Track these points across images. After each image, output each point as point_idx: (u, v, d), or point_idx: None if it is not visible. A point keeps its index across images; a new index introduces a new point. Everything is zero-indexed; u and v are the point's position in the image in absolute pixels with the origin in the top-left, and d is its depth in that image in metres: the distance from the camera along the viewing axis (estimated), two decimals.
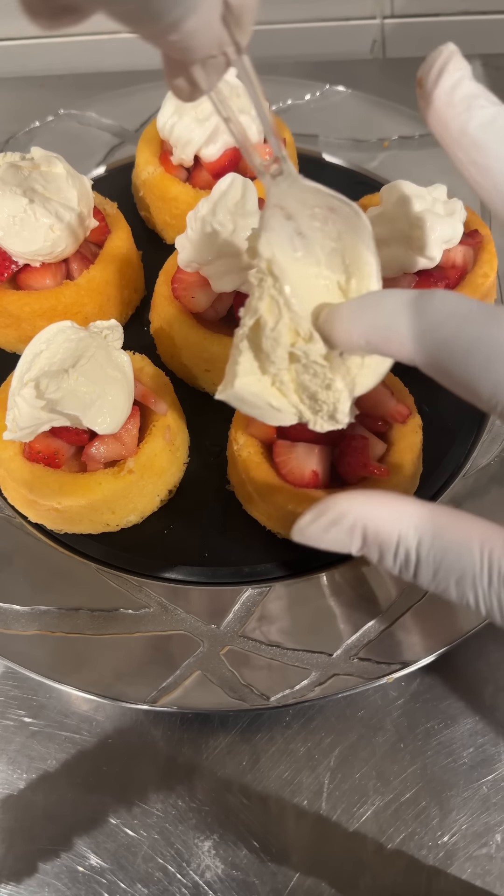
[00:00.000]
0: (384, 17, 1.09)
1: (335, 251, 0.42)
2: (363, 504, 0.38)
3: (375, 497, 0.38)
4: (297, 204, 0.41)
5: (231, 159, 0.77)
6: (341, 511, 0.38)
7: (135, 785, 0.55)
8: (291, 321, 0.42)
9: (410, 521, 0.37)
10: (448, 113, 0.40)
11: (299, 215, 0.41)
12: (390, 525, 0.37)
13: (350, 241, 0.42)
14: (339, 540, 0.39)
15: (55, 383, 0.55)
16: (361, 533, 0.38)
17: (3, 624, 0.57)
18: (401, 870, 0.52)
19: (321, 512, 0.39)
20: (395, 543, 0.37)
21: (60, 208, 0.67)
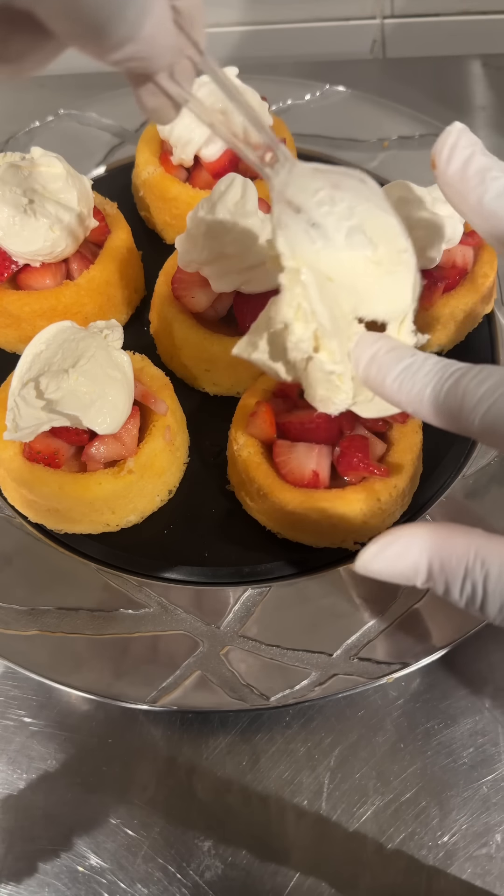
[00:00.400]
0: (384, 17, 1.09)
1: (353, 229, 0.41)
2: (429, 536, 0.38)
3: (441, 529, 0.38)
4: (302, 193, 0.41)
5: (231, 159, 0.77)
6: (406, 544, 0.38)
7: (135, 785, 0.55)
8: (319, 332, 0.42)
9: (477, 554, 0.37)
10: (463, 187, 0.42)
11: (306, 205, 0.41)
12: (457, 558, 0.37)
13: (364, 210, 0.41)
14: (405, 573, 0.38)
15: (55, 383, 0.55)
16: (427, 566, 0.38)
17: (3, 624, 0.57)
18: (401, 870, 0.52)
19: (386, 545, 0.39)
20: (462, 577, 0.37)
21: (60, 208, 0.67)
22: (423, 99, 1.02)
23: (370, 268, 0.41)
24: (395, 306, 0.43)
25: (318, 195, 0.41)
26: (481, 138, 1.02)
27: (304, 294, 0.41)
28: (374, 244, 0.41)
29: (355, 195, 0.41)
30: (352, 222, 0.41)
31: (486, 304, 0.73)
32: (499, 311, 0.75)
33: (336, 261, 0.41)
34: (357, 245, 0.41)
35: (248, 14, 1.10)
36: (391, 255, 0.42)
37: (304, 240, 0.41)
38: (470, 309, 0.70)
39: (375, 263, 0.42)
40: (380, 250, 0.42)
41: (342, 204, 0.41)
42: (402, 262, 0.42)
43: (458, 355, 0.73)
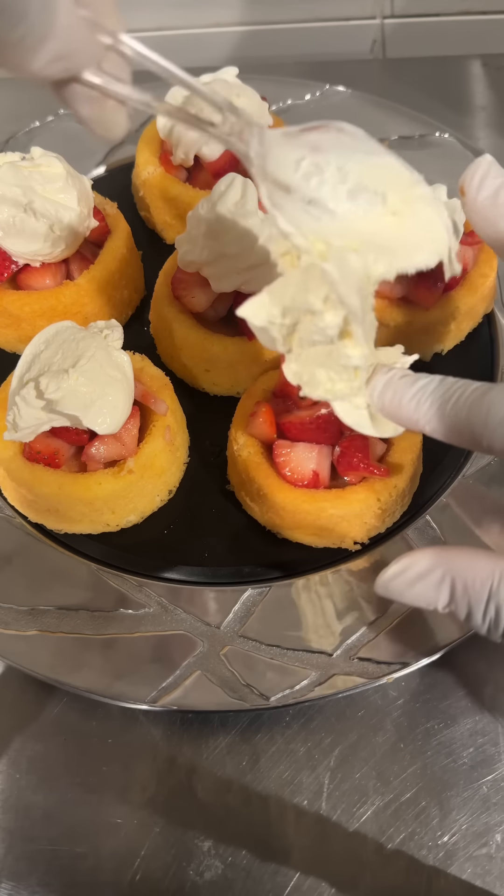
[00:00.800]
0: (384, 17, 1.09)
1: (352, 190, 0.37)
2: (453, 558, 0.38)
3: (465, 552, 0.38)
4: (283, 167, 0.37)
5: (231, 159, 0.77)
6: (429, 565, 0.38)
7: (135, 785, 0.55)
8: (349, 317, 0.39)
9: (502, 577, 0.36)
10: (494, 213, 0.42)
11: (294, 182, 0.37)
12: (481, 581, 0.36)
13: (355, 164, 0.37)
14: (426, 595, 0.38)
15: (55, 383, 0.55)
16: (450, 588, 0.37)
17: (3, 624, 0.57)
18: (401, 870, 0.52)
19: (407, 566, 0.38)
20: (486, 600, 0.36)
21: (60, 208, 0.67)
22: (423, 99, 1.02)
23: (389, 220, 0.38)
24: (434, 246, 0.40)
25: (302, 167, 0.37)
26: (481, 138, 1.03)
27: (327, 279, 0.38)
28: (382, 194, 0.37)
29: (340, 150, 0.37)
30: (349, 183, 0.37)
31: (486, 304, 0.73)
32: (499, 311, 0.75)
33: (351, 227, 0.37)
34: (363, 205, 0.37)
35: (248, 14, 1.10)
36: (404, 196, 0.38)
37: (306, 219, 0.37)
38: (470, 309, 0.70)
39: (392, 213, 0.38)
40: (389, 198, 0.38)
41: (329, 168, 0.37)
42: (418, 198, 0.39)
43: (458, 355, 0.74)
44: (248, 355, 0.67)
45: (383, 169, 0.38)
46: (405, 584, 0.38)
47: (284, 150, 0.37)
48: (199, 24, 1.11)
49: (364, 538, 0.61)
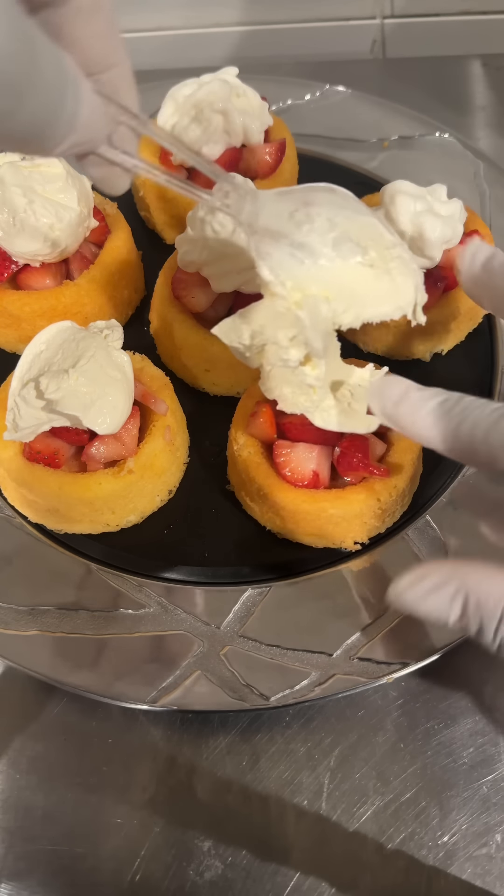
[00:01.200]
0: (384, 17, 1.09)
1: (338, 238, 0.41)
2: (468, 573, 0.37)
3: (481, 567, 0.37)
4: (276, 218, 0.40)
5: (231, 159, 0.77)
6: (444, 578, 0.37)
7: (135, 785, 0.55)
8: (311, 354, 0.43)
9: None
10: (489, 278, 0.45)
11: (285, 228, 0.40)
12: (494, 600, 0.36)
13: (344, 218, 0.41)
14: (439, 608, 0.38)
15: (55, 383, 0.55)
16: (462, 602, 0.37)
17: (3, 624, 0.57)
18: (401, 870, 0.52)
19: (422, 577, 0.38)
20: (498, 618, 0.36)
21: (60, 208, 0.67)
22: (423, 99, 1.02)
23: (366, 272, 0.42)
24: (401, 301, 0.43)
25: (295, 216, 0.41)
26: (481, 138, 1.03)
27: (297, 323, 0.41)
28: (363, 247, 0.41)
29: (330, 206, 0.41)
30: (335, 233, 0.41)
31: None
32: None
33: (329, 275, 0.41)
34: (346, 253, 0.41)
35: (248, 14, 1.10)
36: (382, 253, 0.42)
37: (291, 263, 0.40)
38: (470, 309, 0.70)
39: (369, 266, 0.42)
40: (370, 252, 0.42)
41: (320, 218, 0.41)
42: (394, 258, 0.42)
43: (458, 355, 0.74)
44: None
45: (367, 225, 0.42)
46: (418, 595, 0.38)
47: (278, 204, 0.41)
48: (199, 24, 1.11)
49: (364, 538, 0.61)
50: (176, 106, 0.76)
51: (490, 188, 0.83)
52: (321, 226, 0.41)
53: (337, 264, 0.41)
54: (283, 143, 0.80)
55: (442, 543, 0.60)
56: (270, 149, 0.79)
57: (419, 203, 0.64)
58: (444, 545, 0.60)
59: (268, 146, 0.79)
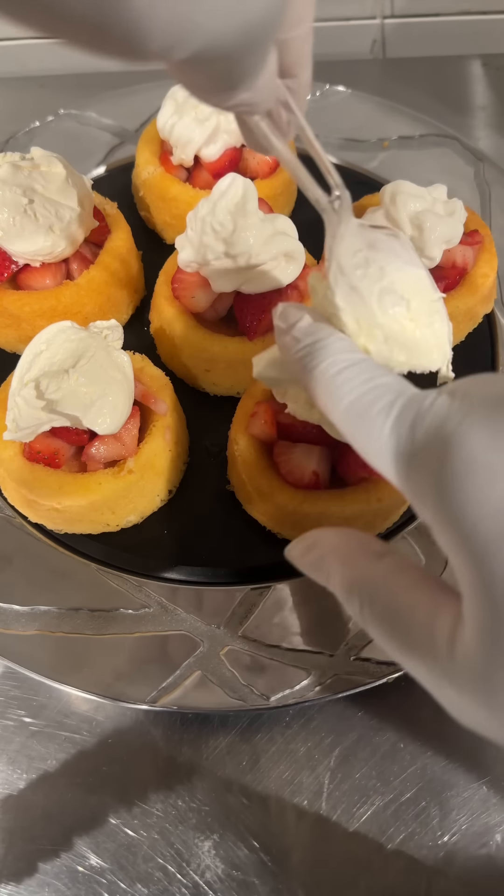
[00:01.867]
0: (384, 17, 1.09)
1: (384, 289, 0.42)
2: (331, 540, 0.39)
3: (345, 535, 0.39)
4: (345, 254, 0.43)
5: (231, 159, 0.77)
6: (313, 541, 0.40)
7: (135, 785, 0.55)
8: None
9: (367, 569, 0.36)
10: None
11: (347, 268, 0.43)
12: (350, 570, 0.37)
13: (395, 269, 0.43)
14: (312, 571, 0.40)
15: (55, 383, 0.55)
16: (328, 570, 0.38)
17: (3, 624, 0.57)
18: (401, 870, 0.52)
19: (301, 539, 0.41)
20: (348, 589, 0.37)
21: (60, 208, 0.67)
22: (423, 99, 1.02)
23: (407, 324, 0.43)
24: (442, 356, 0.45)
25: (357, 257, 0.43)
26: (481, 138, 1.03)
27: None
28: (406, 300, 0.43)
29: (387, 254, 0.43)
30: (383, 283, 0.42)
31: (486, 304, 0.73)
32: (499, 311, 0.75)
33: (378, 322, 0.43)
34: (389, 305, 0.42)
35: None
36: (423, 307, 0.43)
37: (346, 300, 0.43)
38: (470, 309, 0.70)
39: (411, 320, 0.43)
40: (413, 305, 0.43)
41: (374, 266, 0.42)
42: (435, 312, 0.44)
43: (458, 355, 0.73)
44: (248, 355, 0.67)
45: (415, 278, 0.43)
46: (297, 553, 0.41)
47: (353, 239, 0.43)
48: None
49: None
50: (176, 106, 0.76)
51: (490, 188, 0.83)
52: (373, 273, 0.42)
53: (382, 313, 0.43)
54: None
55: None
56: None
57: (419, 203, 0.64)
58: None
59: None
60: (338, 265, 0.42)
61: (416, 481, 0.33)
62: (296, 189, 0.86)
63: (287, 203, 0.85)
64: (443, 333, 0.44)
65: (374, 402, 0.35)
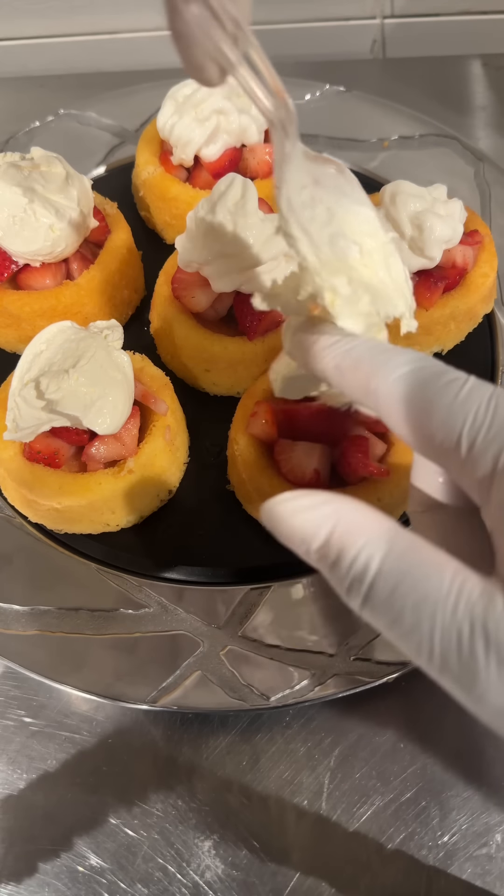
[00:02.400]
0: (384, 17, 1.09)
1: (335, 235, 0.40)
2: (343, 502, 0.35)
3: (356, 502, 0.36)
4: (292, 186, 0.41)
5: (231, 159, 0.77)
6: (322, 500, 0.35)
7: (135, 785, 0.55)
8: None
9: (382, 530, 0.33)
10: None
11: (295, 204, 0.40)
12: (361, 528, 0.34)
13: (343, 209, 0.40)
14: (305, 528, 0.35)
15: (55, 383, 0.55)
16: (331, 527, 0.34)
17: (3, 624, 0.57)
18: (401, 870, 0.52)
19: (300, 494, 0.36)
20: (360, 547, 0.33)
21: (60, 208, 0.67)
22: (423, 99, 1.02)
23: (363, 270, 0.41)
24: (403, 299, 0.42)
25: (303, 194, 0.40)
26: (481, 138, 1.03)
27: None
28: (358, 244, 0.41)
29: (333, 191, 0.41)
30: (332, 228, 0.40)
31: (486, 304, 0.73)
32: (499, 311, 0.75)
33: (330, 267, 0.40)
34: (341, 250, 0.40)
35: None
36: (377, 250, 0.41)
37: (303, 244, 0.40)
38: (470, 309, 0.70)
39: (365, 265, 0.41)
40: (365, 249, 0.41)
41: (321, 206, 0.40)
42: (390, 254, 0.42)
43: (458, 355, 0.73)
44: (248, 355, 0.68)
45: (364, 220, 0.41)
46: (291, 510, 0.35)
47: (298, 170, 0.41)
48: None
49: None
50: (176, 106, 0.76)
51: (490, 188, 0.83)
52: (320, 216, 0.40)
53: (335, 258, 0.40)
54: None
55: None
56: (270, 149, 0.79)
57: (419, 203, 0.64)
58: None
59: (268, 146, 0.79)
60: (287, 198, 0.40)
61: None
62: None
63: None
64: (400, 277, 0.42)
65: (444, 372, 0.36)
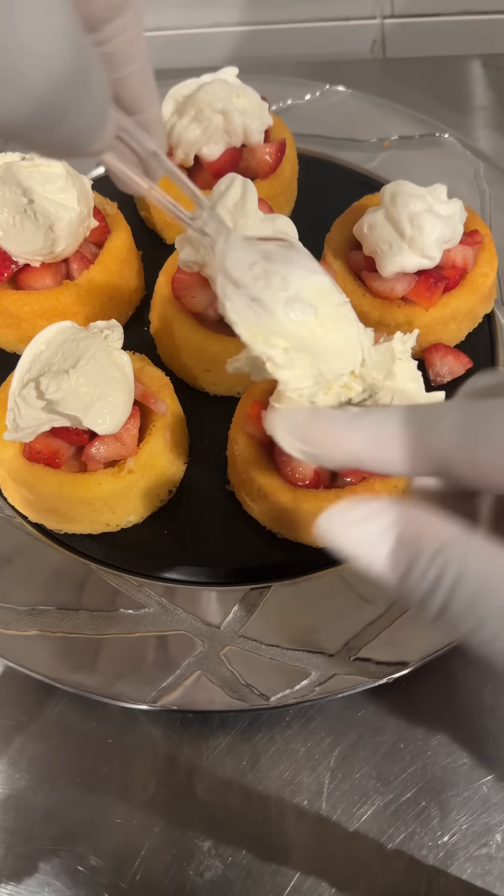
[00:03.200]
0: (384, 17, 1.09)
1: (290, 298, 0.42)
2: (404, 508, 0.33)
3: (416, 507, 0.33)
4: (238, 267, 0.42)
5: (231, 159, 0.77)
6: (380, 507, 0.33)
7: (135, 785, 0.55)
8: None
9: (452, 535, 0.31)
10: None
11: (243, 280, 0.42)
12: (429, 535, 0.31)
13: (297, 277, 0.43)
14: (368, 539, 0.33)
15: (55, 384, 0.55)
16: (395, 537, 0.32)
17: (3, 624, 0.57)
18: (401, 870, 0.52)
19: (356, 505, 0.33)
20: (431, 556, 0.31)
21: (60, 208, 0.67)
22: (423, 99, 1.02)
23: (317, 330, 0.43)
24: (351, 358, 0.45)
25: (254, 269, 0.42)
26: (481, 138, 1.03)
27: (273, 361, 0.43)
28: (314, 307, 0.43)
29: (286, 263, 0.43)
30: (288, 293, 0.42)
31: (486, 304, 0.73)
32: (499, 311, 0.75)
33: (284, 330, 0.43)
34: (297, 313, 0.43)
35: (248, 14, 1.10)
36: (331, 312, 0.43)
37: (248, 313, 0.42)
38: (470, 309, 0.70)
39: (320, 325, 0.43)
40: (320, 312, 0.43)
41: (276, 276, 0.42)
42: (342, 317, 0.44)
43: None
44: None
45: (319, 285, 0.43)
46: (352, 521, 0.33)
47: (242, 252, 0.43)
48: (199, 24, 1.11)
49: None
50: (176, 106, 0.76)
51: (490, 188, 0.83)
52: (276, 283, 0.42)
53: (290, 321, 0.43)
54: (283, 143, 0.80)
55: None
56: (270, 149, 0.79)
57: (419, 203, 0.64)
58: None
59: (268, 146, 0.79)
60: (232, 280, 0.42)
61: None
62: (296, 189, 0.86)
63: (287, 203, 0.85)
64: (353, 338, 0.44)
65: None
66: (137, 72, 0.35)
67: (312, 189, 0.86)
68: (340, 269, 0.71)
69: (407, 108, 0.91)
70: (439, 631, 0.55)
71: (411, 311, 0.68)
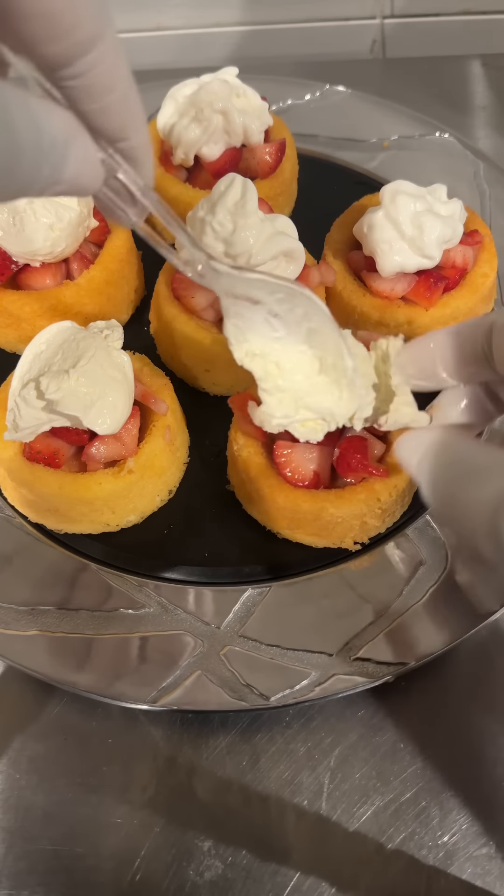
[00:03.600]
0: (384, 17, 1.09)
1: (312, 330, 0.44)
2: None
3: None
4: (258, 290, 0.42)
5: (231, 159, 0.77)
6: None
7: (135, 785, 0.55)
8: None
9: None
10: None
11: (266, 300, 0.42)
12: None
13: (319, 320, 0.44)
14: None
15: (55, 384, 0.55)
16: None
17: (3, 624, 0.57)
18: (401, 870, 0.52)
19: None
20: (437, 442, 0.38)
21: (60, 208, 0.67)
22: (423, 99, 1.02)
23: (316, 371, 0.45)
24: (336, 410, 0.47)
25: (277, 295, 0.43)
26: (481, 138, 1.03)
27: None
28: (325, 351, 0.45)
29: (309, 306, 0.43)
30: (311, 325, 0.44)
31: (486, 304, 0.73)
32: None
33: (289, 353, 0.44)
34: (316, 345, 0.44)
35: (248, 14, 1.10)
36: (337, 369, 0.45)
37: (264, 327, 0.43)
38: (470, 309, 0.70)
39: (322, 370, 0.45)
40: (328, 360, 0.45)
41: (300, 308, 0.43)
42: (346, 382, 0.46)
43: None
44: None
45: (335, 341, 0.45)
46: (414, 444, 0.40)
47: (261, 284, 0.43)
48: (199, 24, 1.11)
49: (364, 538, 0.61)
50: (176, 106, 0.76)
51: (490, 188, 0.83)
52: (299, 313, 0.43)
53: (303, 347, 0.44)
54: (283, 143, 0.80)
55: (442, 543, 0.60)
56: (270, 149, 0.79)
57: (419, 203, 0.64)
58: (445, 545, 0.60)
59: (268, 146, 0.79)
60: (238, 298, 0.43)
61: None
62: (296, 189, 0.86)
63: (287, 203, 0.85)
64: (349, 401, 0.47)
65: None
66: (118, 100, 0.34)
67: (312, 189, 0.86)
68: (340, 269, 0.71)
69: (407, 108, 0.91)
70: (438, 631, 0.55)
71: (411, 311, 0.68)
